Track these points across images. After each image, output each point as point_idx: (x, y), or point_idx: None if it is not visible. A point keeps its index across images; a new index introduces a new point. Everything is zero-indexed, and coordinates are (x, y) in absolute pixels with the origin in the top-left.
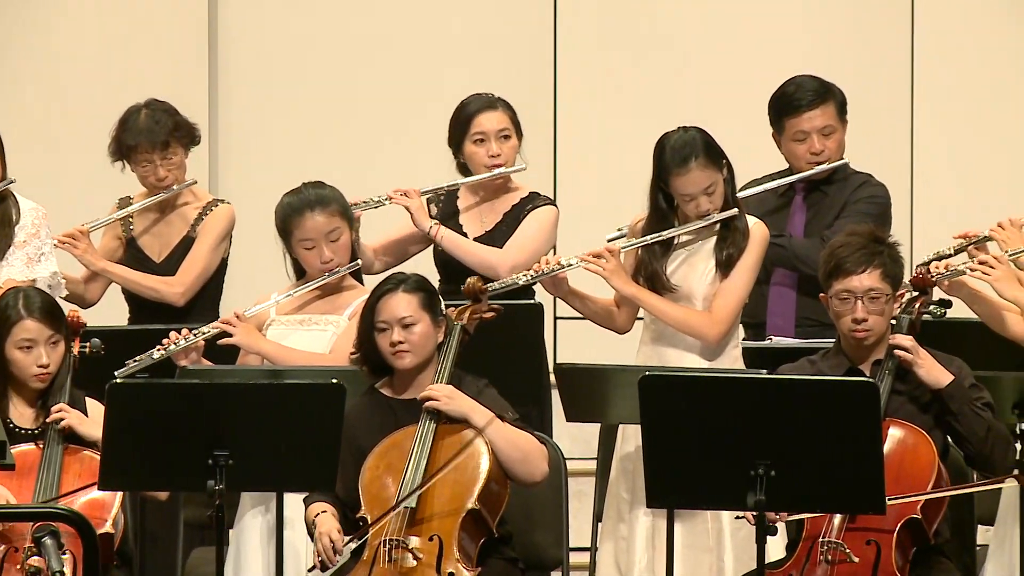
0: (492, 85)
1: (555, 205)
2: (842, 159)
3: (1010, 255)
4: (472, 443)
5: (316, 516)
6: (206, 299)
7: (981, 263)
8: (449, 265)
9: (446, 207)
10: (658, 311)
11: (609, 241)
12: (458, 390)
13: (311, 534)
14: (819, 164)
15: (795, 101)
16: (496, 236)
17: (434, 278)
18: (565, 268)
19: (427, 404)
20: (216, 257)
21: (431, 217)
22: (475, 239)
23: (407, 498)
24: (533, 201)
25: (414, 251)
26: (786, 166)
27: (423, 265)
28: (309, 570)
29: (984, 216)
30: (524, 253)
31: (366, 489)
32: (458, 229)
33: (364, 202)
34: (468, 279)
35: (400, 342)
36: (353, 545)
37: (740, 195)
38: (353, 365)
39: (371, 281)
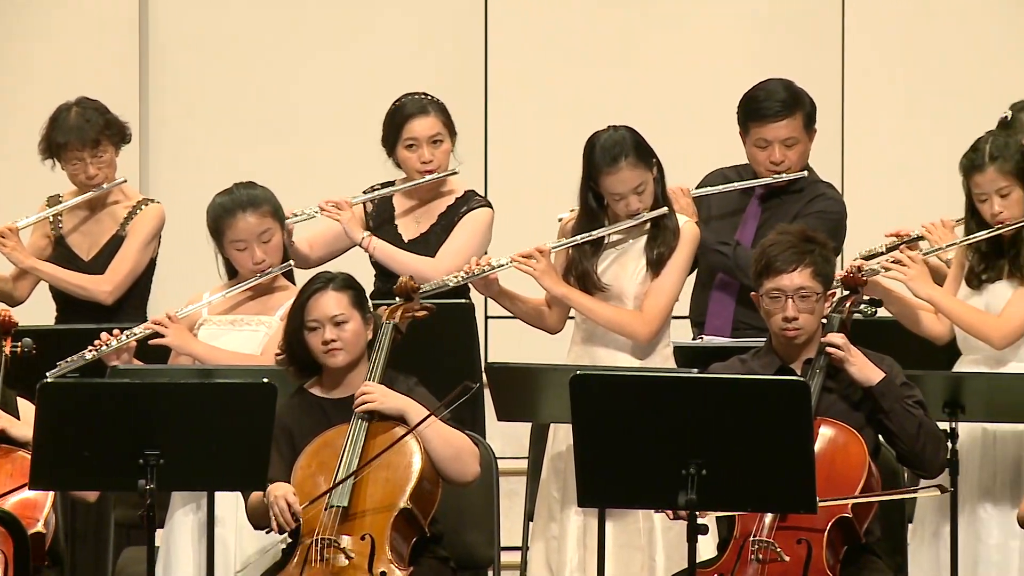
0: (424, 84)
1: (490, 206)
2: (803, 170)
3: (925, 253)
4: (404, 440)
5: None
6: (134, 298)
7: (896, 262)
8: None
9: (381, 210)
10: (589, 311)
11: (560, 221)
12: (390, 388)
13: (255, 521)
14: (779, 173)
15: (762, 109)
16: (431, 238)
17: (370, 275)
18: (496, 269)
19: (360, 405)
20: (145, 256)
21: (368, 215)
22: (410, 241)
23: (334, 493)
24: (468, 202)
25: (349, 247)
26: (744, 161)
27: (360, 264)
28: (267, 532)
29: (914, 215)
30: (457, 259)
31: (299, 487)
32: (393, 232)
33: (295, 215)
34: (400, 278)
35: (332, 340)
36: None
37: (697, 192)
38: (279, 366)
39: (303, 280)
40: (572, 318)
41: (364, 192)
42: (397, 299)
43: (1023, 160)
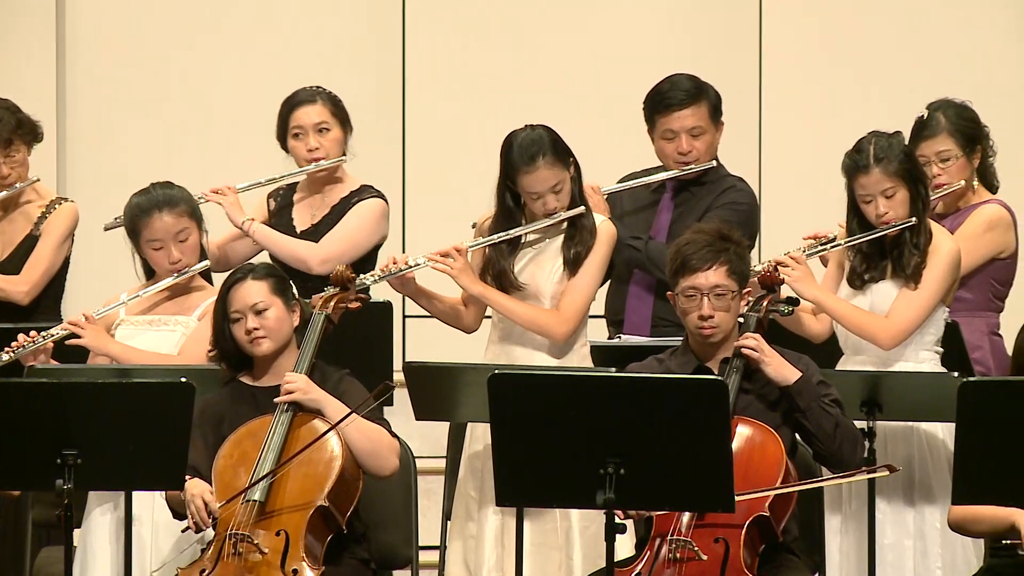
0: (342, 82)
1: (383, 198)
2: (712, 161)
3: (808, 253)
4: (325, 436)
5: (185, 482)
6: (48, 298)
7: (779, 264)
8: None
9: (283, 200)
10: (506, 310)
11: (474, 227)
12: (314, 382)
13: (175, 511)
14: (687, 164)
15: (667, 99)
16: (322, 228)
17: None
18: (412, 268)
19: (283, 395)
20: (60, 256)
21: (270, 212)
22: (302, 231)
23: (253, 487)
24: (361, 194)
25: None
26: (659, 163)
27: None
28: (183, 531)
29: (832, 213)
30: (340, 247)
31: (218, 477)
32: (289, 221)
33: None
34: (336, 267)
35: (255, 328)
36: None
37: (608, 189)
38: (211, 363)
39: (220, 280)
40: (489, 317)
41: (269, 192)
42: (331, 288)
43: (907, 161)
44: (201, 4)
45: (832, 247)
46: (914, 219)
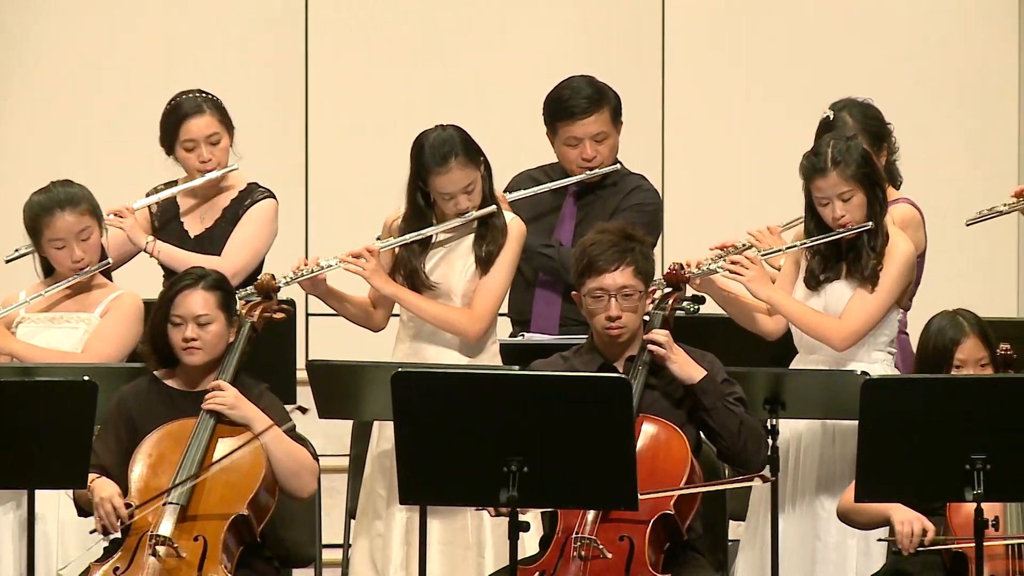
0: (244, 86)
1: (273, 196)
2: (615, 163)
3: (763, 255)
4: (248, 447)
5: (93, 481)
6: None
7: (734, 263)
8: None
9: (165, 209)
10: (418, 309)
11: (378, 239)
12: (242, 395)
13: (81, 508)
14: (591, 169)
15: (569, 107)
16: (216, 233)
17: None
18: (324, 269)
19: (210, 403)
20: None
21: (152, 216)
22: (196, 237)
23: (172, 492)
24: (252, 195)
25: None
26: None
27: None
28: (91, 532)
29: (735, 215)
30: (244, 255)
31: (137, 476)
32: (179, 229)
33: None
34: (261, 275)
35: (193, 339)
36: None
37: (512, 197)
38: (141, 354)
39: (119, 279)
40: (397, 315)
41: (147, 194)
42: (256, 297)
43: (864, 164)
44: (98, 6)
45: (788, 249)
46: (871, 223)
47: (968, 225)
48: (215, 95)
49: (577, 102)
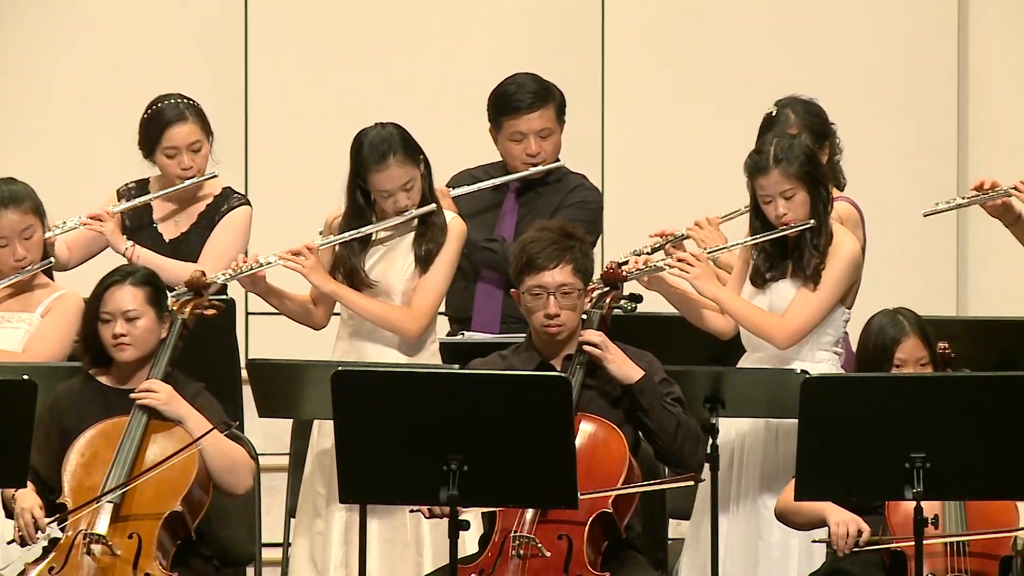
0: (184, 84)
1: (248, 203)
2: (558, 160)
3: (709, 252)
4: (183, 445)
5: (15, 491)
6: None
7: (680, 260)
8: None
9: (138, 212)
10: (358, 307)
11: (320, 234)
12: (176, 392)
13: (8, 509)
14: (534, 165)
15: (515, 102)
16: (192, 238)
17: None
18: (264, 266)
19: (142, 400)
20: None
21: (124, 216)
22: (171, 241)
23: (111, 492)
24: (227, 200)
25: (105, 247)
26: (498, 158)
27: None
28: (8, 543)
29: (675, 210)
30: (222, 260)
31: (71, 475)
32: (154, 233)
33: (57, 227)
34: (192, 272)
35: (122, 335)
36: (54, 529)
37: (455, 193)
38: (76, 353)
39: (61, 278)
40: (337, 314)
41: (120, 191)
42: (187, 293)
43: (808, 163)
44: (45, 7)
45: (731, 246)
46: (813, 221)
47: (925, 216)
48: (195, 101)
49: (523, 97)
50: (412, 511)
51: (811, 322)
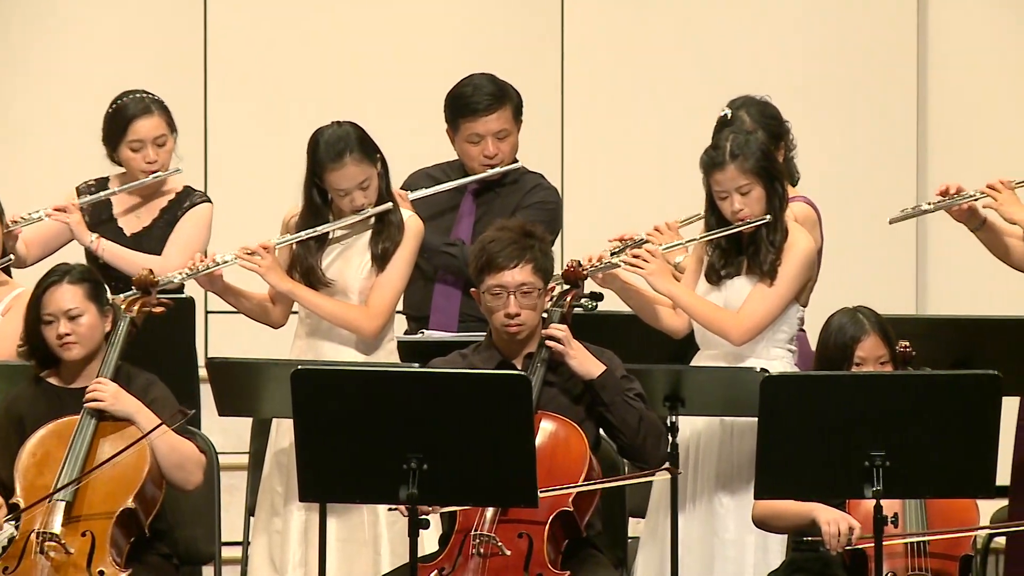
0: (142, 81)
1: (210, 201)
2: (516, 161)
3: (664, 249)
4: (136, 447)
5: None
6: None
7: (635, 256)
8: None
9: (99, 206)
10: (314, 306)
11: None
12: (124, 389)
13: None
14: (492, 167)
15: (472, 104)
16: (154, 232)
17: None
18: (220, 265)
19: (90, 401)
20: None
21: (83, 211)
22: (132, 235)
23: (61, 490)
24: (189, 198)
25: (66, 243)
26: (455, 157)
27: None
28: None
29: (632, 212)
30: (185, 255)
31: (22, 475)
32: (115, 228)
33: (23, 218)
34: (139, 271)
35: (67, 334)
36: (8, 528)
37: (414, 196)
38: (21, 358)
39: (19, 275)
40: (296, 312)
41: (80, 188)
42: (134, 292)
43: (763, 158)
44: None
45: (687, 243)
46: (769, 216)
47: (891, 223)
48: (159, 96)
49: (480, 99)
50: (390, 510)
51: (767, 318)
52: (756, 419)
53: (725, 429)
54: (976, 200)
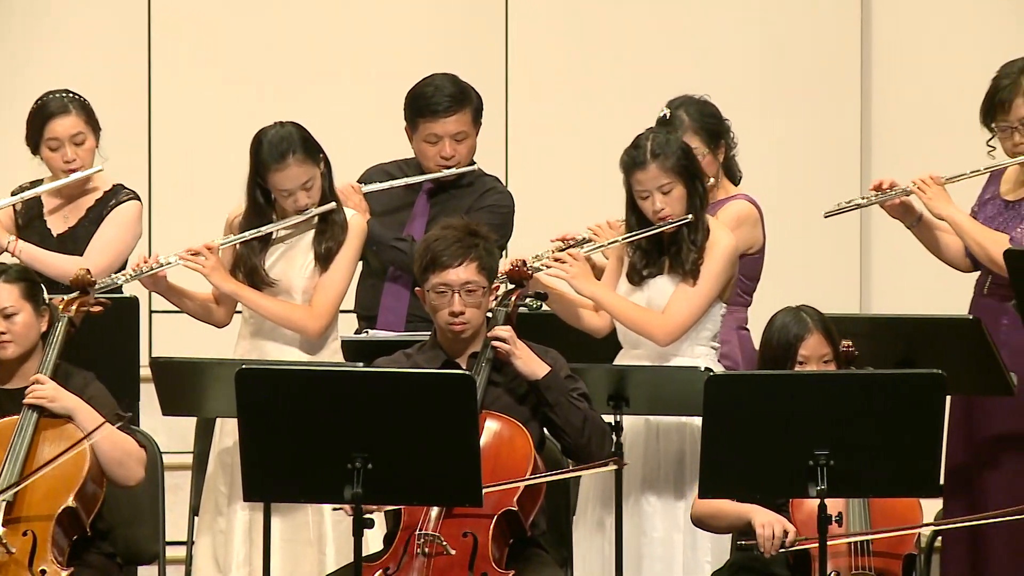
0: (87, 80)
1: (138, 199)
2: (473, 163)
3: (587, 251)
4: (73, 440)
5: None
6: None
7: (557, 260)
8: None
9: (28, 208)
10: (258, 306)
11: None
12: (63, 387)
13: None
14: (449, 167)
15: (432, 104)
16: (79, 232)
17: None
18: (164, 266)
19: (29, 399)
20: None
21: (16, 214)
22: (59, 236)
23: (4, 492)
24: (116, 196)
25: None
26: (411, 155)
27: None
28: None
29: (578, 211)
30: (107, 256)
31: None
32: (43, 228)
33: None
34: (76, 271)
35: (2, 332)
36: None
37: (367, 189)
38: None
39: None
40: (240, 312)
41: (12, 194)
42: (72, 292)
43: (684, 157)
44: None
45: (610, 244)
46: (691, 216)
47: (827, 217)
48: (82, 96)
49: (440, 100)
50: (335, 509)
51: (692, 318)
52: (681, 419)
53: (650, 429)
54: (908, 195)
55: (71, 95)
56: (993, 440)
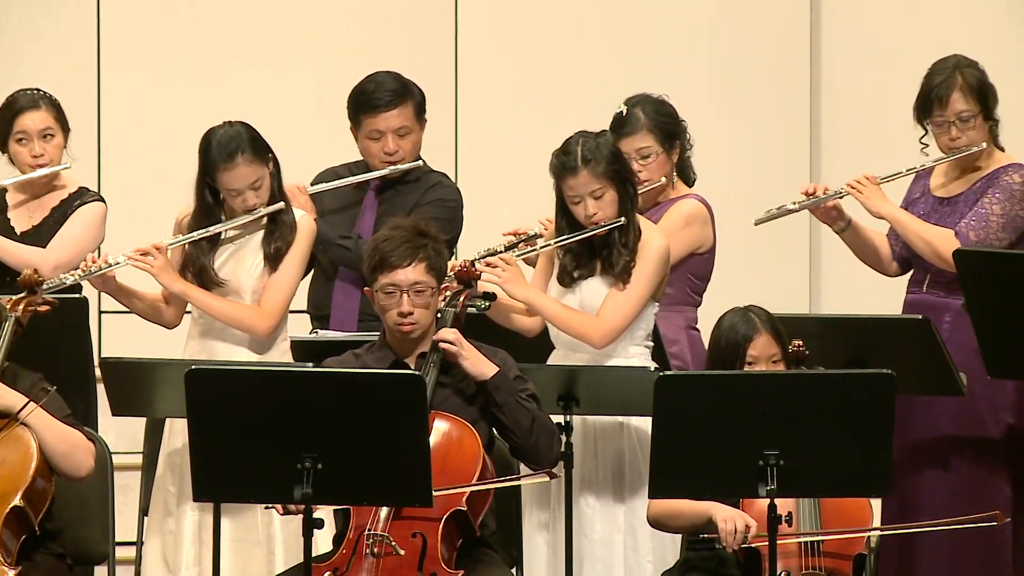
0: (34, 78)
1: (103, 200)
2: (418, 159)
3: (519, 255)
4: (20, 437)
5: None
6: None
7: (489, 265)
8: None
9: None
10: (207, 306)
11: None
12: (7, 385)
13: None
14: (394, 163)
15: (373, 100)
16: (43, 231)
17: None
18: (113, 266)
19: None
20: None
21: None
22: (22, 233)
23: None
24: (82, 197)
25: None
26: (361, 158)
27: None
28: None
29: (527, 208)
30: (68, 251)
31: None
32: (6, 224)
33: None
34: (25, 271)
35: None
36: None
37: (314, 189)
38: None
39: None
40: (189, 312)
41: None
42: (21, 291)
43: (615, 161)
44: None
45: (542, 248)
46: (623, 219)
47: (757, 224)
48: (53, 94)
49: (381, 95)
50: (266, 508)
51: (626, 320)
52: (619, 419)
53: (588, 430)
54: (841, 198)
55: (42, 92)
56: (926, 442)
